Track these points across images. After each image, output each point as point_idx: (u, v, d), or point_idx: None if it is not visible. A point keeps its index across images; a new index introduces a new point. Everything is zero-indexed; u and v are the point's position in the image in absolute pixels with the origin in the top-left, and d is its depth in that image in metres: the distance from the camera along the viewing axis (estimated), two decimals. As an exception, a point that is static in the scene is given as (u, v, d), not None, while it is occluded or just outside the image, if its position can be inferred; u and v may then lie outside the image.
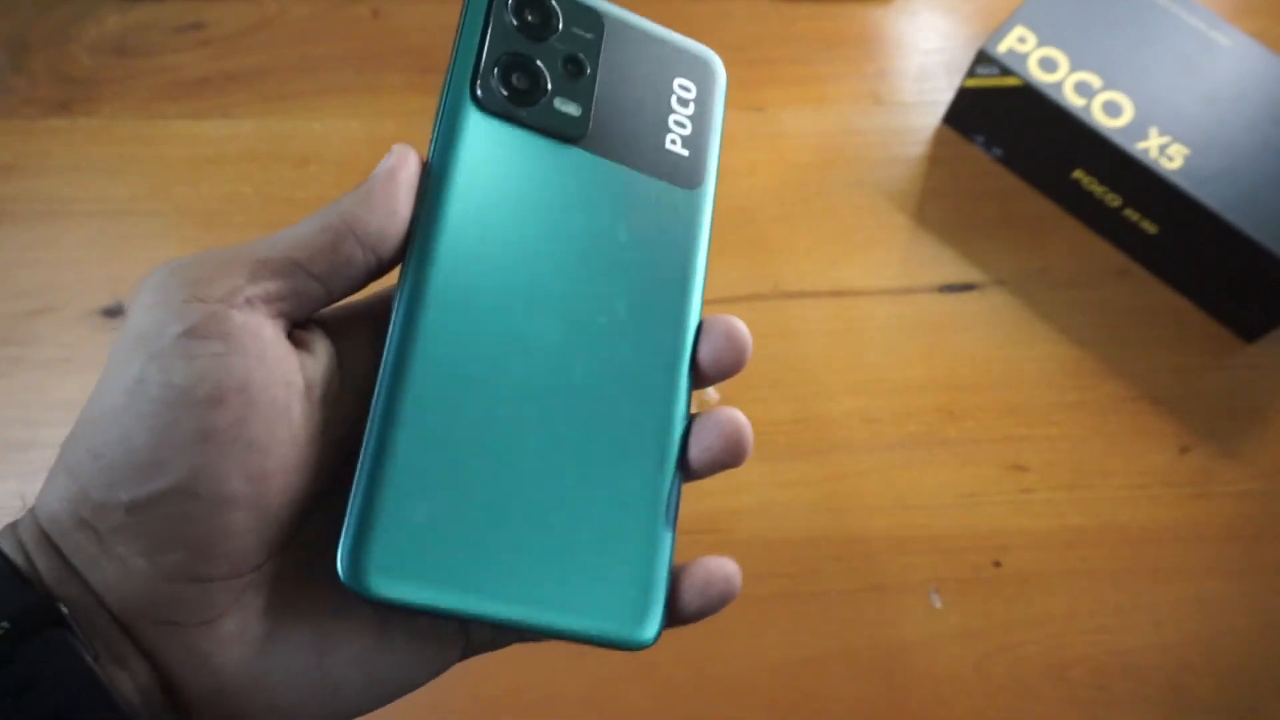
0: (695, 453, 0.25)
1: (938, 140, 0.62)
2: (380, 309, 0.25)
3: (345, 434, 0.24)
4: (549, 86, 0.27)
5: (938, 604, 0.51)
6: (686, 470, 0.26)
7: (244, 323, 0.22)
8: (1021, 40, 0.57)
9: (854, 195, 0.60)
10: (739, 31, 0.64)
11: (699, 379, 0.27)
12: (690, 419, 0.26)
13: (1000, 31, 0.57)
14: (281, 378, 0.22)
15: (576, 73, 0.27)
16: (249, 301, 0.22)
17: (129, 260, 0.57)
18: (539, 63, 0.27)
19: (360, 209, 0.24)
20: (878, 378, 0.56)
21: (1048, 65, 0.56)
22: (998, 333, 0.57)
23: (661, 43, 0.29)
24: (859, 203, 0.60)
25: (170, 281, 0.22)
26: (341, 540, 0.22)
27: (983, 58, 0.57)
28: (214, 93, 0.61)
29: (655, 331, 0.26)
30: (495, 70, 0.26)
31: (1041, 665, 0.50)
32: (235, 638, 0.22)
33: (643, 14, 0.29)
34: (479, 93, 0.26)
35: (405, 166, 0.24)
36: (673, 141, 0.28)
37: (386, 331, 0.24)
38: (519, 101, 0.26)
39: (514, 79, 0.26)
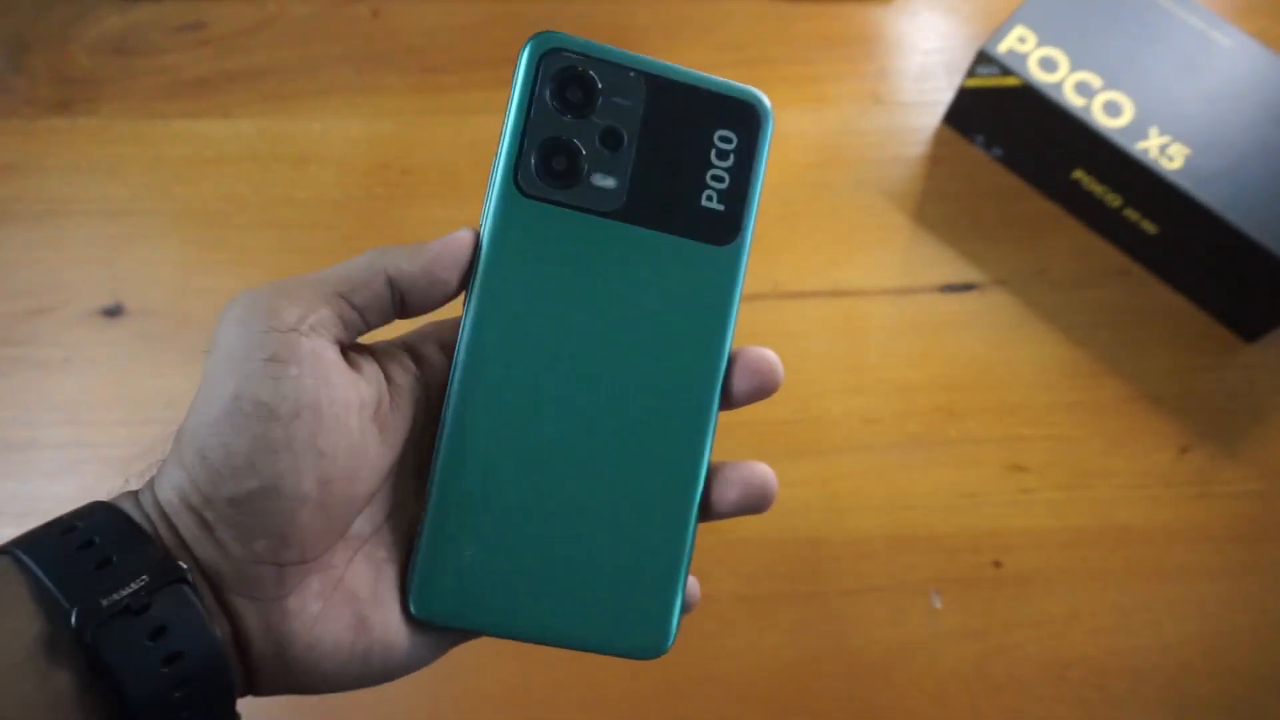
0: (726, 501, 0.29)
1: (938, 140, 0.62)
2: (417, 342, 0.30)
3: (390, 448, 0.28)
4: (586, 165, 0.28)
5: (938, 604, 0.51)
6: (707, 512, 0.29)
7: (311, 348, 0.26)
8: (1021, 40, 0.57)
9: (854, 195, 0.60)
10: (739, 31, 0.64)
11: (732, 403, 0.30)
12: (718, 466, 0.29)
13: (1000, 31, 0.57)
14: (342, 396, 0.26)
15: (615, 145, 0.28)
16: (312, 328, 0.26)
17: (129, 260, 0.57)
18: (577, 143, 0.28)
19: (402, 260, 0.28)
20: (878, 378, 0.56)
21: (1048, 65, 0.56)
22: (998, 333, 0.57)
23: (703, 95, 0.29)
24: (859, 203, 0.60)
25: (249, 313, 0.26)
26: (405, 572, 0.28)
27: (983, 58, 0.57)
28: (214, 93, 0.61)
29: (682, 384, 0.29)
30: (534, 157, 0.28)
31: (1041, 665, 0.50)
32: (296, 613, 0.26)
33: (644, 14, 0.29)
34: (520, 181, 0.28)
35: (457, 243, 0.28)
36: (709, 198, 0.29)
37: (425, 364, 0.29)
38: (557, 184, 0.28)
39: (552, 163, 0.28)
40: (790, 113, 0.62)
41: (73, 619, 0.23)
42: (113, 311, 0.56)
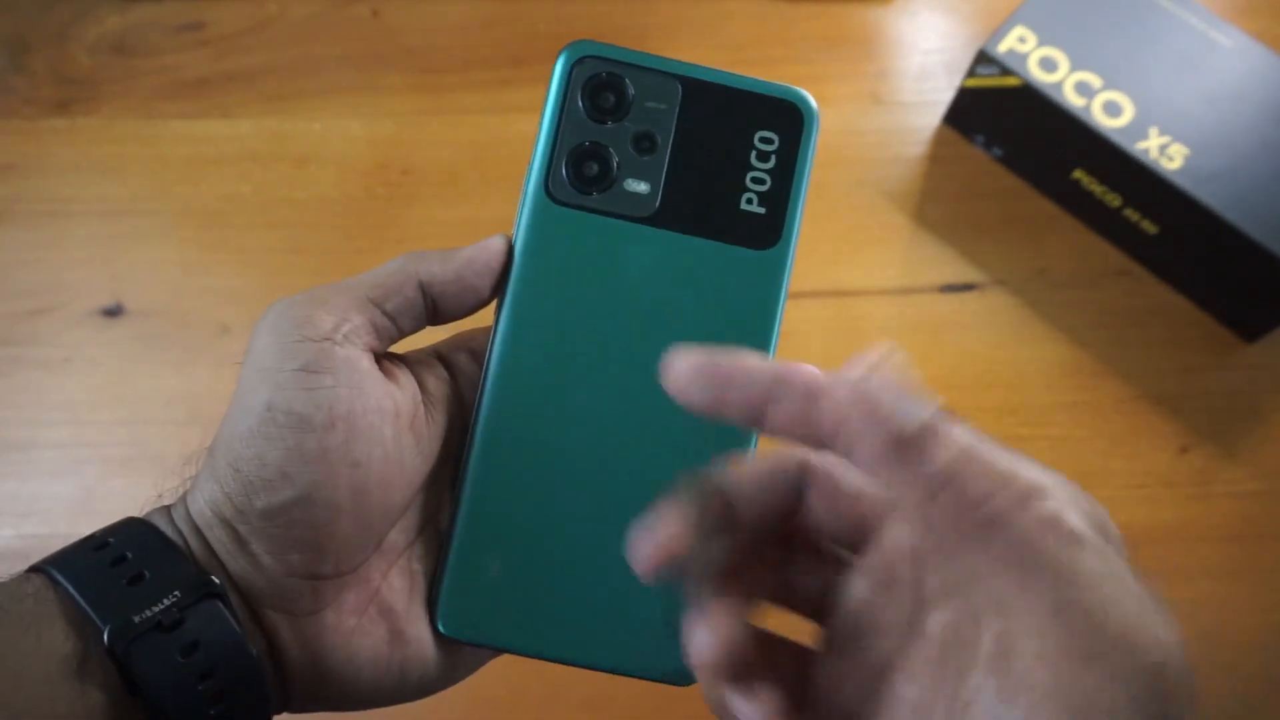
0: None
1: (938, 140, 0.62)
2: (448, 351, 0.29)
3: (425, 457, 0.28)
4: (617, 170, 0.28)
5: (938, 604, 0.51)
6: None
7: (345, 357, 0.26)
8: (1021, 40, 0.57)
9: (854, 195, 0.60)
10: (739, 31, 0.64)
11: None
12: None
13: (1000, 31, 0.57)
14: (376, 405, 0.26)
15: (648, 149, 0.28)
16: (346, 337, 0.26)
17: (129, 260, 0.57)
18: (608, 148, 0.28)
19: (435, 264, 0.27)
20: (878, 378, 0.55)
21: (1048, 65, 0.56)
22: (998, 333, 0.57)
23: (742, 96, 0.28)
24: (859, 203, 0.60)
25: (282, 322, 0.26)
26: (432, 588, 0.28)
27: (983, 58, 0.57)
28: (214, 93, 0.61)
29: None
30: (565, 164, 0.28)
31: (1041, 665, 0.50)
32: (332, 627, 0.26)
33: (644, 13, 0.29)
34: (550, 187, 0.28)
35: (490, 250, 0.28)
36: (749, 201, 0.28)
37: (458, 372, 0.29)
38: (588, 190, 0.28)
39: (583, 169, 0.28)
40: (790, 113, 0.61)
41: (105, 636, 0.23)
42: (113, 311, 0.56)
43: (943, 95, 0.62)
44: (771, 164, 0.28)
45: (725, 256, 0.28)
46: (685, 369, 0.23)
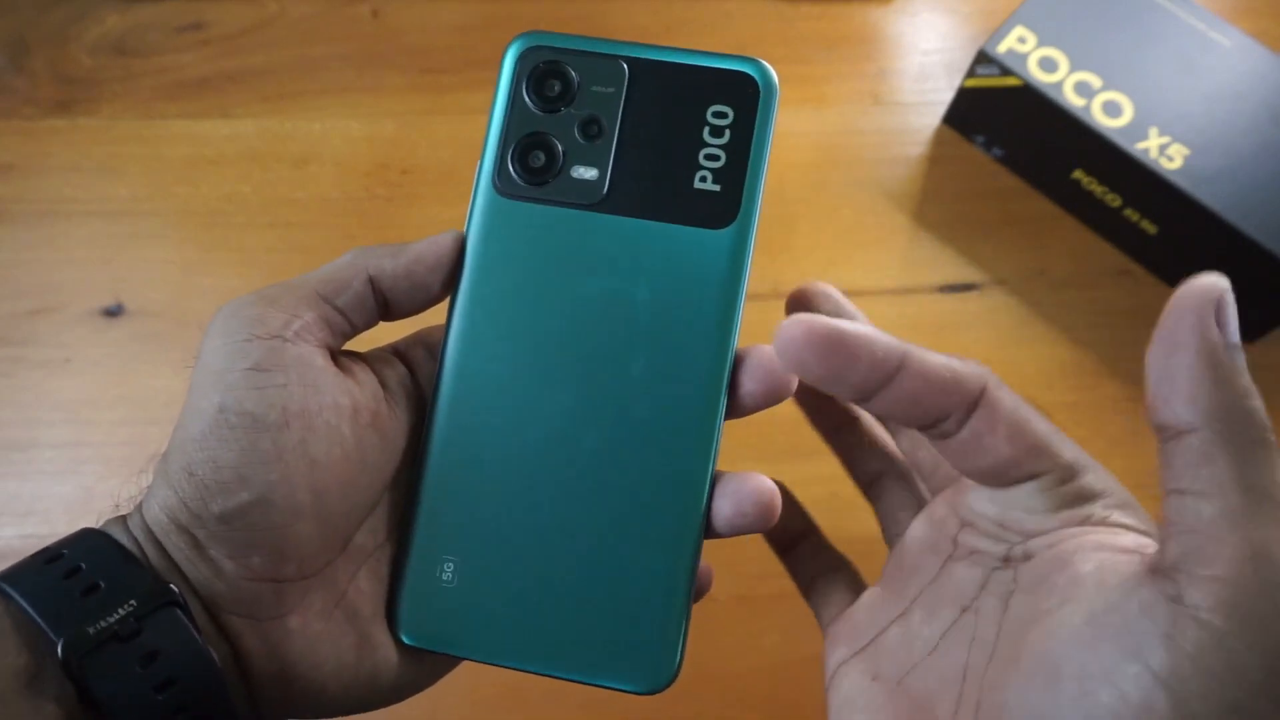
0: (722, 518, 0.26)
1: (938, 140, 0.62)
2: (406, 348, 0.29)
3: (390, 455, 0.27)
4: (563, 159, 0.27)
5: (938, 604, 0.51)
6: (709, 531, 0.27)
7: (297, 354, 0.25)
8: (1021, 40, 0.57)
9: (854, 195, 0.60)
10: (739, 31, 0.64)
11: (741, 411, 0.27)
12: (717, 477, 0.27)
13: (1000, 31, 0.57)
14: (332, 401, 0.25)
15: (595, 135, 0.27)
16: (297, 334, 0.25)
17: (129, 260, 0.57)
18: (552, 137, 0.27)
19: (385, 259, 0.27)
20: (878, 378, 0.56)
21: (1048, 65, 0.56)
22: (998, 333, 0.57)
23: (693, 72, 0.27)
24: (859, 203, 0.60)
25: (231, 322, 0.25)
26: (391, 596, 0.27)
27: (983, 58, 0.57)
28: (214, 93, 0.61)
29: (682, 387, 0.27)
30: (511, 157, 0.28)
31: (1041, 665, 0.50)
32: (298, 632, 0.25)
33: (643, 14, 0.29)
34: (498, 182, 0.28)
35: (440, 245, 0.27)
36: (702, 179, 0.27)
37: (418, 369, 0.28)
38: (535, 181, 0.27)
39: (529, 160, 0.28)
40: (790, 113, 0.61)
41: (59, 649, 0.22)
42: (113, 311, 0.56)
43: (943, 95, 0.63)
44: (726, 139, 0.27)
45: (680, 238, 0.27)
46: (800, 334, 0.22)
